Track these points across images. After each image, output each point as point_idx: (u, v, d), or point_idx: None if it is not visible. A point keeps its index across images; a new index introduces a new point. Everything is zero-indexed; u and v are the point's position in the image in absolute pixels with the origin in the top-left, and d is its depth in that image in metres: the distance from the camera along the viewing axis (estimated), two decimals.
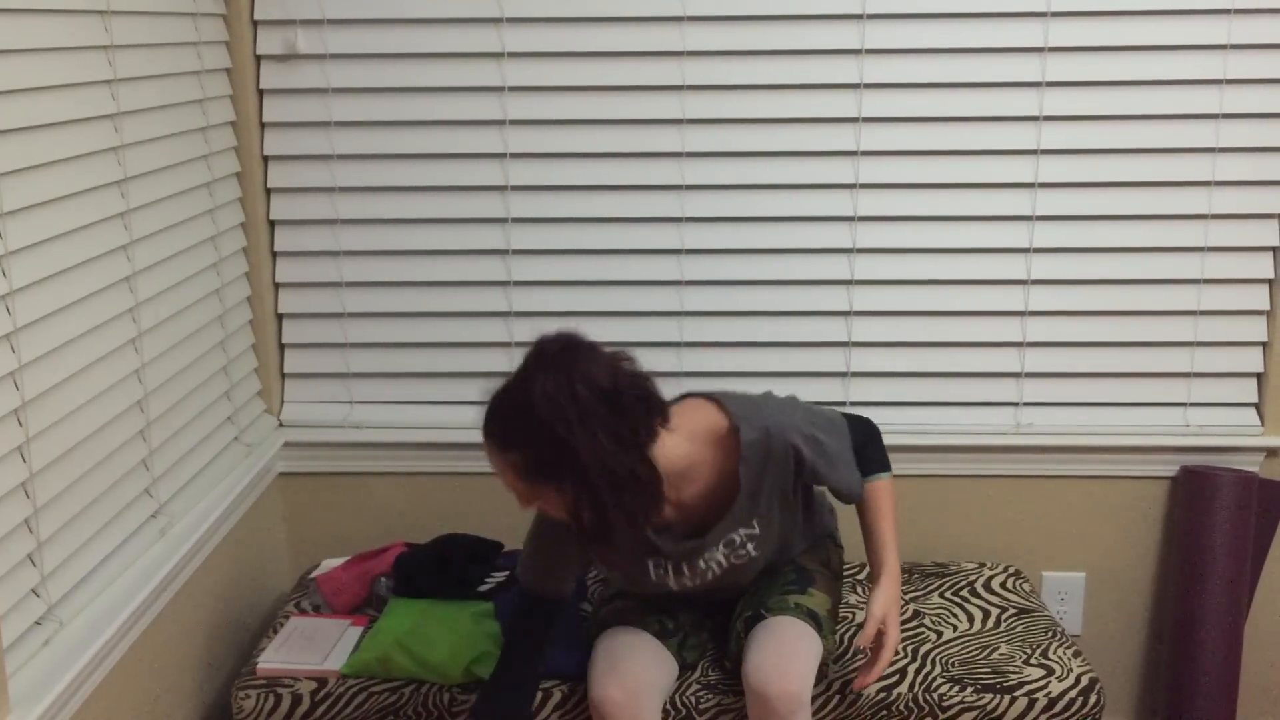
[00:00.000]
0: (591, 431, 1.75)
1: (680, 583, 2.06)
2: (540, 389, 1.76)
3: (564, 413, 1.74)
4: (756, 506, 2.00)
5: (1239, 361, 2.56)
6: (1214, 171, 2.46)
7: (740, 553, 2.04)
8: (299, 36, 2.42)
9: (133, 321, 1.99)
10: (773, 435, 1.96)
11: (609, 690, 1.95)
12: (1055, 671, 2.16)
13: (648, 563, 2.04)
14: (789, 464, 1.98)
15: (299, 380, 2.63)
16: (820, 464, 1.99)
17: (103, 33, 1.89)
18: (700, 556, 2.03)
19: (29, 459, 1.68)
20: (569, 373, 1.76)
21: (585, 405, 1.75)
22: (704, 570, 2.05)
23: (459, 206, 2.52)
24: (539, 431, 1.76)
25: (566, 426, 1.74)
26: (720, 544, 2.02)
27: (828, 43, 2.42)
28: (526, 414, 1.76)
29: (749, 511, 2.00)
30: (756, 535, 2.03)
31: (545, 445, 1.76)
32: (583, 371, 1.77)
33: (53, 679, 1.67)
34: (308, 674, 2.14)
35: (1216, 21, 2.39)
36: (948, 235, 2.51)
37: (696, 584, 2.07)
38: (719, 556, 2.04)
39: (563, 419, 1.74)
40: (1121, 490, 2.61)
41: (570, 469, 1.77)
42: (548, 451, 1.77)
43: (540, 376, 1.77)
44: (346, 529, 2.65)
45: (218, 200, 2.33)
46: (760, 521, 2.02)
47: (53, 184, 1.74)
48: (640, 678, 1.97)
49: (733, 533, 2.02)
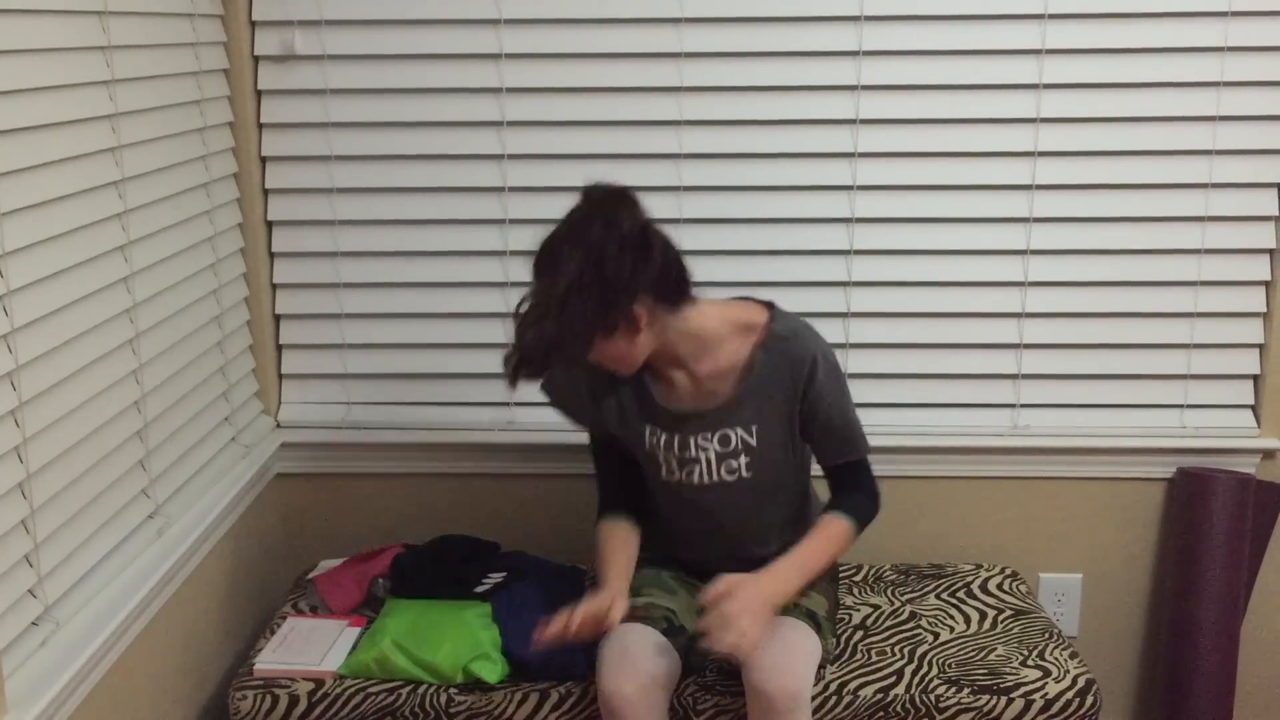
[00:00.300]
0: (602, 245, 1.88)
1: (672, 471, 2.11)
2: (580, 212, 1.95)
3: (592, 222, 1.91)
4: (761, 411, 2.05)
5: (1235, 364, 2.56)
6: (1210, 174, 2.46)
7: (732, 463, 2.08)
8: (297, 37, 2.42)
9: (130, 322, 1.99)
10: (801, 339, 2.05)
11: (621, 684, 1.95)
12: (1052, 673, 2.16)
13: (645, 428, 2.11)
14: (802, 374, 2.04)
15: (296, 381, 2.64)
16: (827, 392, 2.04)
17: (100, 33, 1.89)
18: (694, 437, 2.07)
19: (26, 459, 1.68)
20: (614, 204, 1.94)
21: (612, 225, 1.90)
22: (694, 460, 2.09)
23: (457, 208, 2.53)
24: (592, 259, 1.88)
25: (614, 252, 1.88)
26: (716, 434, 2.06)
27: (825, 45, 2.43)
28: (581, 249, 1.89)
29: (753, 411, 2.05)
30: (753, 449, 2.07)
31: (559, 241, 1.91)
32: (628, 208, 1.94)
33: (49, 680, 1.67)
34: (305, 675, 2.14)
35: (1213, 24, 2.40)
36: (945, 237, 2.51)
37: (688, 481, 2.10)
38: (712, 451, 2.08)
39: (588, 226, 1.90)
40: (1118, 492, 2.61)
41: (621, 298, 1.89)
42: (592, 288, 1.88)
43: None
44: (344, 530, 2.65)
45: (215, 201, 2.33)
46: (760, 432, 2.06)
47: (50, 184, 1.74)
48: (651, 673, 1.98)
49: (730, 428, 2.06)
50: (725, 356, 2.06)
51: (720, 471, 2.10)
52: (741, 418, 2.07)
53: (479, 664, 2.09)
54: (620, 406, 2.13)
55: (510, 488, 2.64)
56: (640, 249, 1.92)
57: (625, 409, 2.13)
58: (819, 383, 2.04)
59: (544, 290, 1.90)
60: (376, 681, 2.13)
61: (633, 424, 2.13)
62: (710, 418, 2.07)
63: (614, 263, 1.89)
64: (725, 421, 2.07)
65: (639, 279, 1.91)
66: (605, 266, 1.88)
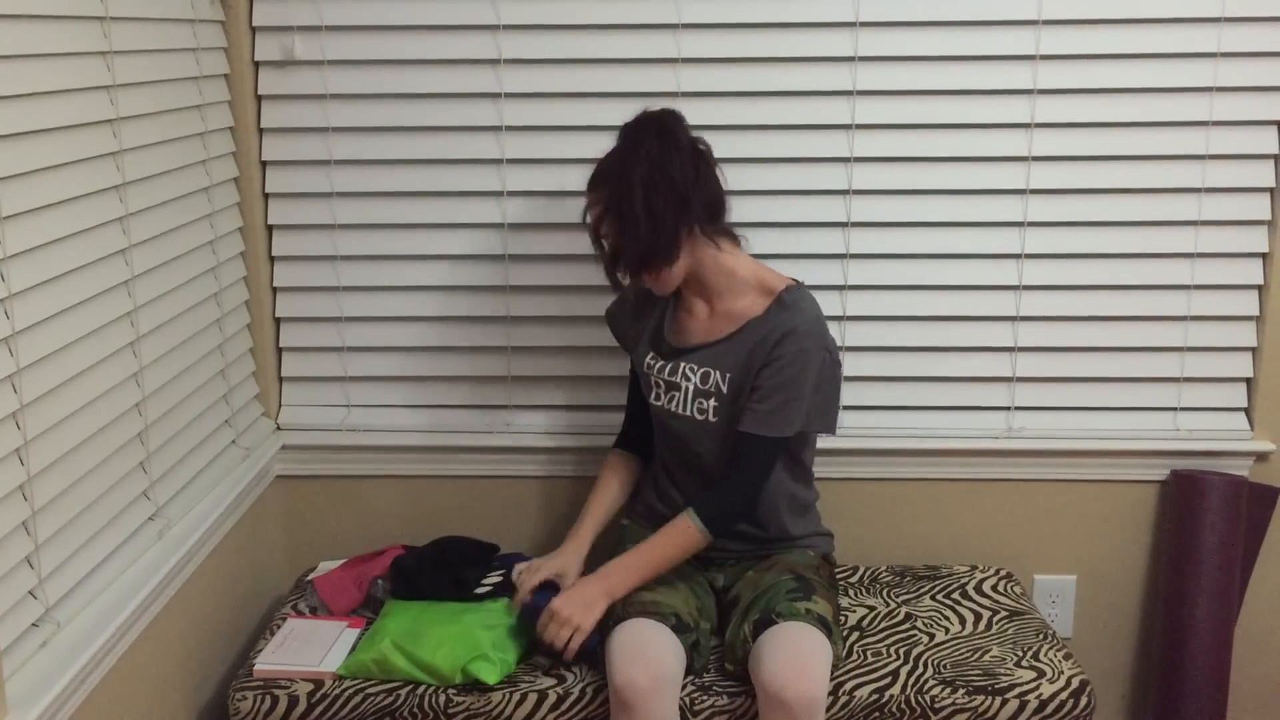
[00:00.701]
0: (659, 161, 2.06)
1: (659, 395, 2.25)
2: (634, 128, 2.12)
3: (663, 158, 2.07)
4: (739, 363, 2.15)
5: (1229, 367, 2.58)
6: (1203, 178, 2.48)
7: (703, 403, 2.19)
8: (296, 43, 2.44)
9: (131, 325, 2.01)
10: (798, 311, 2.14)
11: (634, 675, 1.97)
12: (1046, 674, 2.17)
13: (649, 352, 2.26)
14: (773, 339, 2.11)
15: (296, 383, 2.65)
16: (786, 364, 2.10)
17: (102, 39, 1.90)
18: (684, 365, 2.21)
19: (27, 462, 1.70)
20: (669, 121, 2.12)
21: (668, 145, 2.08)
22: (676, 387, 2.22)
23: (456, 211, 2.54)
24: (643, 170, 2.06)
25: (667, 166, 2.06)
26: (700, 369, 2.19)
27: (821, 50, 2.44)
28: (635, 158, 2.08)
29: (735, 360, 2.15)
30: (723, 395, 2.17)
31: (621, 155, 2.09)
32: (681, 125, 2.12)
33: (50, 681, 1.68)
34: (305, 675, 2.15)
35: (1207, 29, 2.41)
36: (940, 241, 2.53)
37: (669, 407, 2.24)
38: (693, 384, 2.20)
39: (664, 158, 2.06)
40: (1112, 494, 2.63)
41: (627, 182, 2.06)
42: (615, 165, 2.08)
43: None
44: (343, 531, 2.67)
45: (216, 205, 2.35)
46: (732, 382, 2.16)
47: (52, 188, 1.76)
48: (664, 665, 1.99)
49: (712, 368, 2.18)
50: (742, 305, 2.19)
51: (693, 408, 2.21)
52: (725, 362, 2.18)
53: (477, 665, 2.11)
54: (644, 323, 2.30)
55: (509, 490, 2.65)
56: (695, 159, 2.10)
57: (646, 327, 2.29)
58: (783, 352, 2.11)
59: (619, 200, 2.07)
60: (376, 682, 2.14)
61: (644, 342, 2.29)
62: (702, 353, 2.20)
63: (679, 169, 2.07)
64: (711, 361, 2.19)
65: (698, 186, 2.09)
66: (671, 171, 2.06)
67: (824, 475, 2.47)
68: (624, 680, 1.97)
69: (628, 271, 2.14)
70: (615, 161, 2.10)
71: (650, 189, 2.05)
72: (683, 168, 2.07)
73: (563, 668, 2.15)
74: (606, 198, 2.10)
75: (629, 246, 2.09)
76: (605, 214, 2.11)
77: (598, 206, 2.13)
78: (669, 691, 1.99)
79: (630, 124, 2.14)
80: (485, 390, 2.63)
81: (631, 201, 2.05)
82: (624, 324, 2.36)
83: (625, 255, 2.10)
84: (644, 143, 2.08)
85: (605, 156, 2.13)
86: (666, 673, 1.99)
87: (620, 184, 2.07)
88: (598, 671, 2.14)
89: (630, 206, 2.06)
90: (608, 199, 2.10)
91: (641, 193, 2.05)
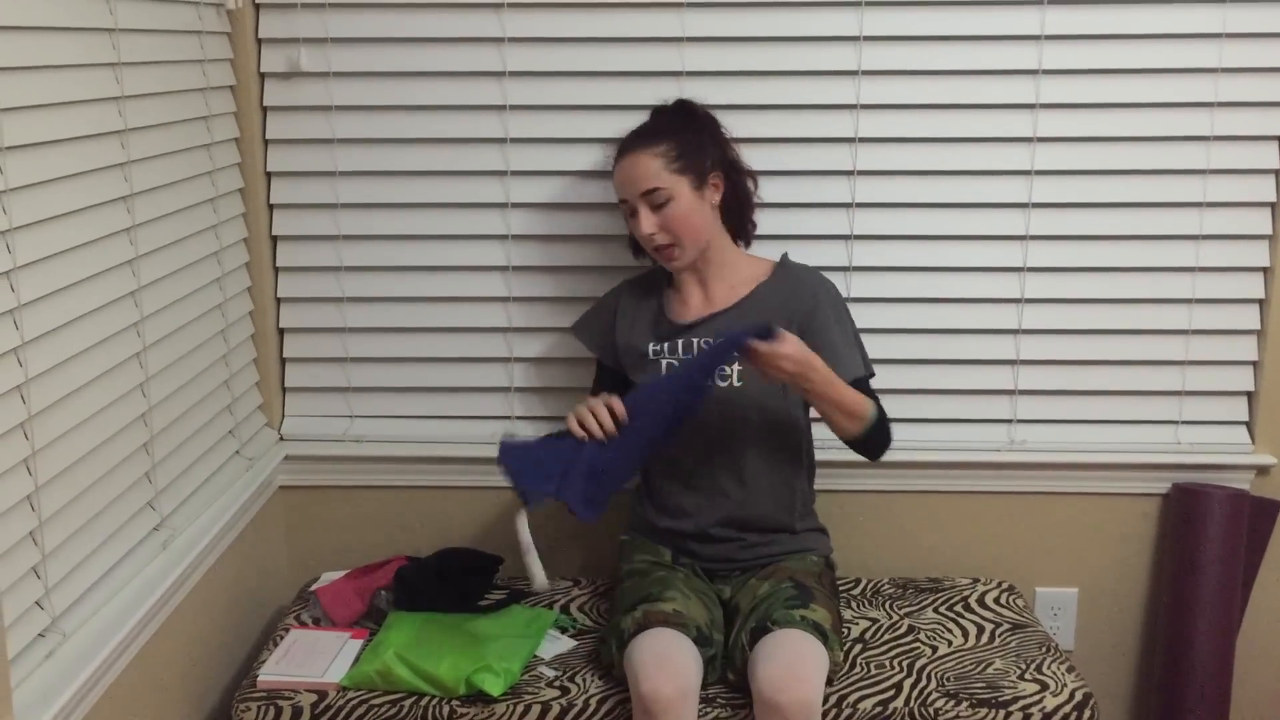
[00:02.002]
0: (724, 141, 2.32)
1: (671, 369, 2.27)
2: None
3: (711, 120, 2.32)
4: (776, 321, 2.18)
5: (1230, 380, 2.58)
6: (1205, 193, 2.49)
7: (725, 370, 2.23)
8: (302, 54, 2.45)
9: (138, 335, 2.01)
10: (811, 271, 2.33)
11: (661, 686, 1.96)
12: (1050, 686, 2.18)
13: (649, 342, 2.30)
14: (806, 296, 2.26)
15: (300, 394, 2.65)
16: (833, 315, 2.26)
17: (110, 50, 1.91)
18: (696, 340, 2.26)
19: (35, 472, 1.70)
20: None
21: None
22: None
23: (460, 223, 2.55)
24: (691, 124, 2.28)
25: (713, 128, 2.31)
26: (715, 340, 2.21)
27: (825, 64, 2.45)
28: (687, 114, 2.31)
29: (752, 319, 2.18)
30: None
31: (692, 134, 2.25)
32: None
33: (56, 691, 1.68)
34: (308, 686, 2.15)
35: (1208, 45, 2.42)
36: (942, 254, 2.53)
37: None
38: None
39: (711, 121, 2.32)
40: (1114, 507, 2.63)
41: (710, 158, 2.26)
42: (692, 141, 2.24)
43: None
44: (346, 542, 2.67)
45: (221, 216, 2.35)
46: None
47: (61, 199, 1.76)
48: (688, 677, 2.00)
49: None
50: (739, 280, 2.31)
51: (715, 377, 2.22)
52: (742, 325, 2.17)
53: (481, 676, 2.10)
54: (634, 320, 2.35)
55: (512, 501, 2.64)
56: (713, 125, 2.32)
57: (641, 322, 2.34)
58: (823, 306, 2.26)
59: (652, 139, 2.24)
60: (379, 693, 2.14)
61: (642, 336, 2.32)
62: (713, 324, 2.27)
63: (702, 115, 2.32)
64: (725, 326, 2.24)
65: (718, 144, 2.29)
66: (696, 117, 2.30)
67: (827, 487, 2.47)
68: (651, 689, 1.96)
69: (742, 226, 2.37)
70: (642, 129, 2.29)
71: (685, 134, 2.27)
72: (705, 117, 2.34)
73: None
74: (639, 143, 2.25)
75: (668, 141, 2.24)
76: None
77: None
78: (692, 703, 2.00)
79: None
80: (488, 401, 2.64)
81: (669, 139, 2.24)
82: (598, 326, 2.40)
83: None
84: (668, 109, 2.35)
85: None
86: (690, 684, 2.00)
87: (654, 138, 2.24)
88: (602, 683, 2.14)
89: (671, 139, 2.24)
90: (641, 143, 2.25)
91: (674, 136, 2.26)
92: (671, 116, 2.31)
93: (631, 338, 2.34)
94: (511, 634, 2.25)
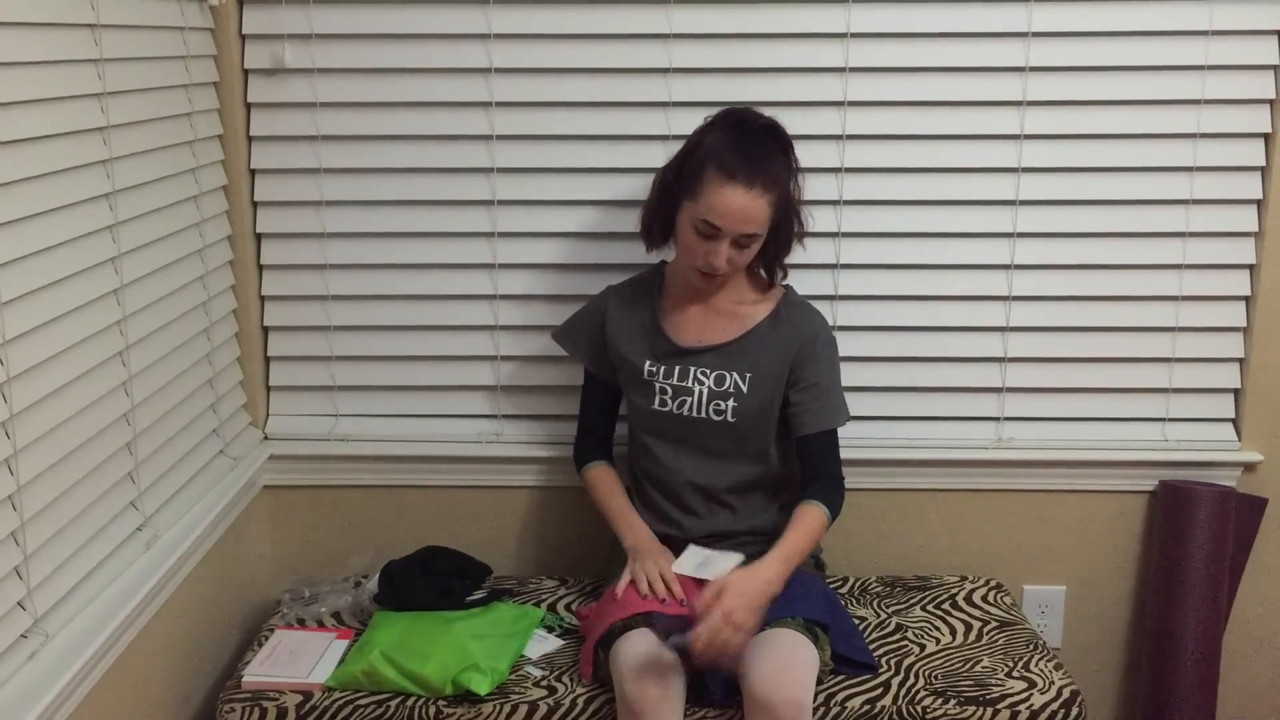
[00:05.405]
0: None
1: (665, 401, 2.26)
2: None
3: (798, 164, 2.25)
4: (758, 363, 2.23)
5: (1217, 377, 2.59)
6: (1191, 190, 2.49)
7: (720, 404, 2.22)
8: (286, 51, 2.43)
9: (120, 334, 1.99)
10: (811, 311, 2.29)
11: (645, 687, 1.96)
12: (1037, 684, 2.18)
13: (646, 359, 2.27)
14: (803, 338, 2.23)
15: (284, 393, 2.64)
16: (824, 359, 2.24)
17: (93, 46, 1.89)
18: (694, 369, 2.24)
19: (16, 472, 1.68)
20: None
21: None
22: (689, 391, 2.24)
23: (446, 220, 2.53)
24: (788, 168, 2.21)
25: (797, 173, 2.24)
26: (714, 373, 2.24)
27: (812, 61, 2.45)
28: (785, 149, 2.21)
29: (752, 360, 2.22)
30: (743, 395, 2.22)
31: (793, 183, 2.23)
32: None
33: (39, 692, 1.67)
34: (293, 687, 2.14)
35: (1194, 42, 2.43)
36: (929, 251, 2.53)
37: (678, 411, 2.25)
38: (707, 387, 2.24)
39: (798, 165, 2.25)
40: (1101, 504, 2.63)
41: (791, 210, 2.24)
42: (790, 191, 2.21)
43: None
44: (331, 542, 2.65)
45: (205, 213, 2.34)
46: (753, 381, 2.22)
47: (42, 197, 1.75)
48: (671, 679, 1.99)
49: (728, 370, 2.23)
50: (743, 305, 2.28)
51: (709, 409, 2.24)
52: (740, 364, 2.23)
53: (468, 675, 2.09)
54: (630, 332, 2.31)
55: (497, 500, 2.64)
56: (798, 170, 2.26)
57: (634, 335, 2.30)
58: (819, 351, 2.24)
59: (771, 182, 2.17)
60: (365, 693, 2.13)
61: (638, 351, 2.29)
62: (712, 356, 2.25)
63: (795, 157, 2.24)
64: (725, 364, 2.24)
65: (798, 192, 2.25)
66: (790, 154, 2.22)
67: None
68: (635, 691, 1.96)
69: (778, 260, 2.30)
70: (762, 161, 2.15)
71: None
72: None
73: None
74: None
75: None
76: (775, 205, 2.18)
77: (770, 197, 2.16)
78: (676, 705, 1.99)
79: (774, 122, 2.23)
80: (474, 400, 2.62)
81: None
82: (595, 336, 2.36)
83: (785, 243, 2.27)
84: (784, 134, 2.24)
85: (763, 154, 2.16)
86: (674, 685, 1.99)
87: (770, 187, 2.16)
88: (589, 683, 2.13)
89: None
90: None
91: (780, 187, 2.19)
92: (783, 155, 2.19)
93: (625, 350, 2.31)
94: (498, 633, 2.24)
